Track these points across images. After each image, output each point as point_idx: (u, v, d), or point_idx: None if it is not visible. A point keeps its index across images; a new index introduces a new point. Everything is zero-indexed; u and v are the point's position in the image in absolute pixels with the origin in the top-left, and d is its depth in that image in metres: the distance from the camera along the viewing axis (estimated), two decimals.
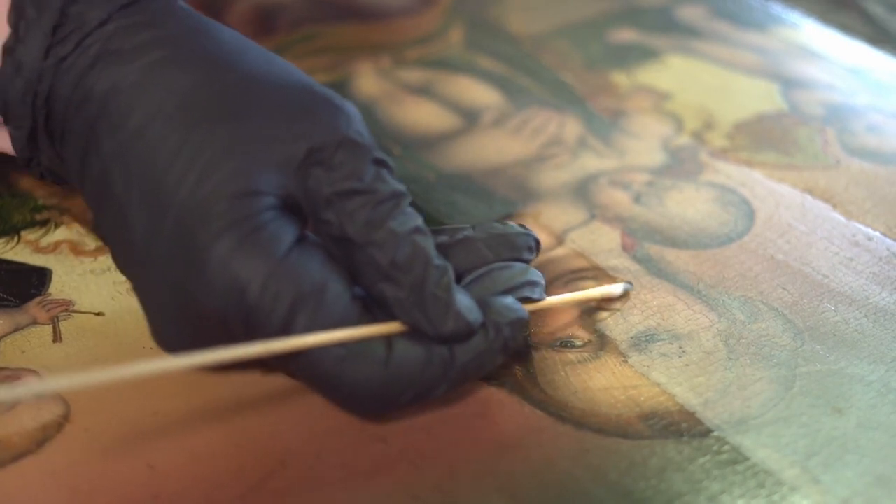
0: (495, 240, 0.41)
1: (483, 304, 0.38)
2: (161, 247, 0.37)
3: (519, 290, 0.40)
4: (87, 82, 0.39)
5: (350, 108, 0.39)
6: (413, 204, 0.38)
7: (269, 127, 0.37)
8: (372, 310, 0.37)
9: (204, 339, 0.36)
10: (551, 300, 0.42)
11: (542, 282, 0.42)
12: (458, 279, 0.40)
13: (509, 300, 0.39)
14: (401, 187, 0.38)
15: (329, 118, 0.38)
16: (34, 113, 0.40)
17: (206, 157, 0.36)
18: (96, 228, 0.40)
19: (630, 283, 0.45)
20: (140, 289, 0.39)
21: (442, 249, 0.40)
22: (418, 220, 0.38)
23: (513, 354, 0.41)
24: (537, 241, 0.43)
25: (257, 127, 0.37)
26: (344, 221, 0.37)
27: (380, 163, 0.38)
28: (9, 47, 0.39)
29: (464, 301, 0.37)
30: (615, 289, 0.44)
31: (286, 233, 0.36)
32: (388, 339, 0.37)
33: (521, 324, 0.39)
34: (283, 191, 0.37)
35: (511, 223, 0.43)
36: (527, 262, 0.42)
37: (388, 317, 0.37)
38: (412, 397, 0.37)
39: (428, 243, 0.38)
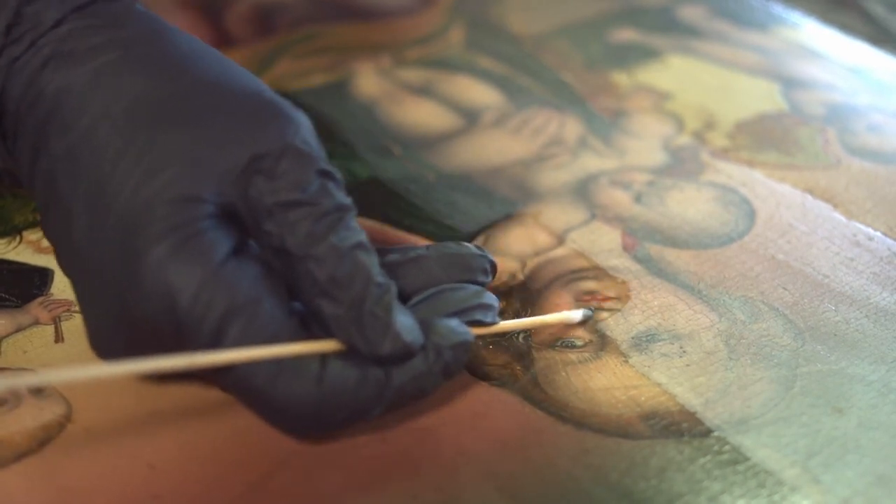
0: (448, 259, 0.40)
1: (426, 326, 0.37)
2: (100, 250, 0.36)
3: (470, 312, 0.39)
4: (39, 82, 0.39)
5: (299, 116, 0.38)
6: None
7: (214, 133, 0.37)
8: (309, 326, 0.37)
9: (138, 346, 0.36)
10: (504, 325, 0.41)
11: (497, 305, 0.40)
12: (407, 298, 0.39)
13: (454, 322, 0.38)
14: (346, 201, 0.37)
15: (275, 126, 0.37)
16: None
17: (148, 162, 0.36)
18: (42, 228, 0.40)
19: (591, 309, 0.44)
20: (80, 292, 0.38)
21: (392, 267, 0.39)
22: (361, 236, 0.37)
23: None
24: (493, 264, 0.42)
25: (202, 133, 0.37)
26: (285, 233, 0.36)
27: (326, 174, 0.37)
28: None
29: (404, 322, 0.37)
30: (574, 315, 0.43)
31: (224, 242, 0.36)
32: (322, 358, 0.36)
33: (465, 347, 0.38)
34: (223, 199, 0.36)
35: (468, 244, 0.42)
36: (482, 284, 0.41)
37: (325, 334, 0.36)
38: (345, 418, 0.36)
39: (370, 260, 0.37)
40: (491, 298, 0.40)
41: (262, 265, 0.37)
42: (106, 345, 0.37)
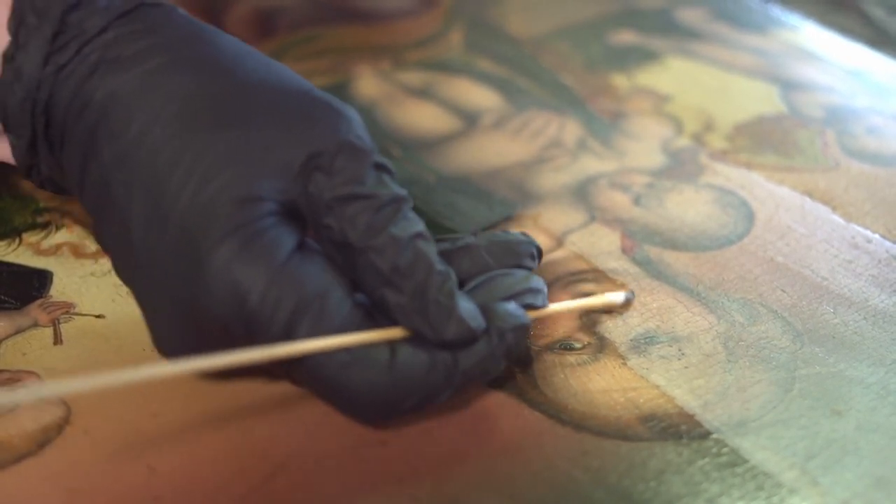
0: (497, 247, 0.42)
1: (486, 310, 0.38)
2: (162, 254, 0.37)
3: (521, 296, 0.40)
4: (86, 90, 0.39)
5: (350, 112, 0.39)
6: (415, 208, 0.38)
7: (269, 133, 0.37)
8: (374, 316, 0.37)
9: (206, 344, 0.36)
10: (554, 307, 0.42)
11: (545, 289, 0.41)
12: (460, 286, 0.39)
13: (512, 306, 0.39)
14: (402, 192, 0.38)
15: (329, 123, 0.38)
16: (33, 121, 0.40)
17: (206, 164, 0.36)
18: (96, 236, 0.40)
19: (633, 291, 0.45)
20: (141, 296, 0.38)
21: (443, 256, 0.39)
22: (420, 226, 0.38)
23: (514, 359, 0.42)
24: (539, 249, 0.43)
25: (257, 133, 0.37)
26: (345, 227, 0.37)
27: (380, 167, 0.38)
28: (9, 55, 0.39)
29: (466, 307, 0.37)
30: (617, 297, 0.44)
31: (287, 239, 0.36)
32: (391, 345, 0.37)
33: (524, 330, 0.39)
34: (283, 196, 0.37)
35: (513, 231, 0.43)
36: (528, 269, 0.42)
37: (391, 323, 0.37)
38: (416, 403, 0.37)
39: (430, 248, 0.37)
40: (539, 282, 0.41)
41: (325, 259, 0.37)
42: (173, 345, 0.38)
